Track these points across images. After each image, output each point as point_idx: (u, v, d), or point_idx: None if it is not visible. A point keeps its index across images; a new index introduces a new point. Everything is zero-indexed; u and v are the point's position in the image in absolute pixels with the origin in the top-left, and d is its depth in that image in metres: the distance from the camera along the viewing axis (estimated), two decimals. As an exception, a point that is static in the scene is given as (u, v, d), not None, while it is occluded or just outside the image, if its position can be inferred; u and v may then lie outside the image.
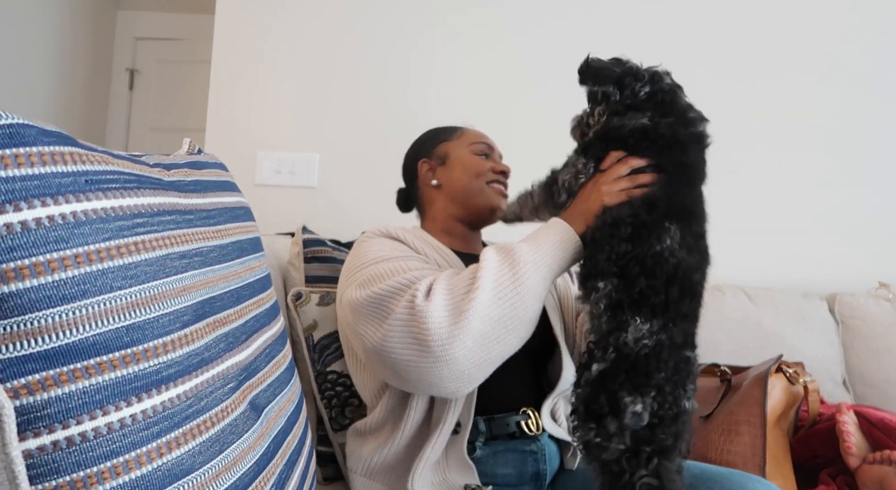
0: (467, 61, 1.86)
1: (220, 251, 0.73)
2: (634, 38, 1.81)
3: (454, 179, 1.10)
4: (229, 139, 1.87)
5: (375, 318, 0.83)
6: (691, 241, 0.78)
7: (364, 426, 0.98)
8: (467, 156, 1.11)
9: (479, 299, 0.76)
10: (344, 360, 1.12)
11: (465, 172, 1.10)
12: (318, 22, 1.88)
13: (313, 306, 1.15)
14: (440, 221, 1.13)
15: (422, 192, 1.16)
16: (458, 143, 1.14)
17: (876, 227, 1.76)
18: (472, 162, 1.10)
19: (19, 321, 0.47)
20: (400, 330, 0.79)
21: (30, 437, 0.47)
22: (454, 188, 1.10)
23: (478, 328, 0.76)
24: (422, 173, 1.15)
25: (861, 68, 1.79)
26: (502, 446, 0.93)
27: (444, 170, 1.12)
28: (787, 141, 1.79)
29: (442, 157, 1.13)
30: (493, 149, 1.16)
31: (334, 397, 1.12)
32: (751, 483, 0.80)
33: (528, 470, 0.94)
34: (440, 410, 0.90)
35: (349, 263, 0.98)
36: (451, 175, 1.11)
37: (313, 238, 1.29)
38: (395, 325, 0.80)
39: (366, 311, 0.85)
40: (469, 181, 1.09)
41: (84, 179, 0.53)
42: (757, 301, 1.56)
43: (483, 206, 1.09)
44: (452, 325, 0.75)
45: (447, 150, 1.13)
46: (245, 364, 0.71)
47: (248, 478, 0.64)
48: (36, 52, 2.53)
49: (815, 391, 1.13)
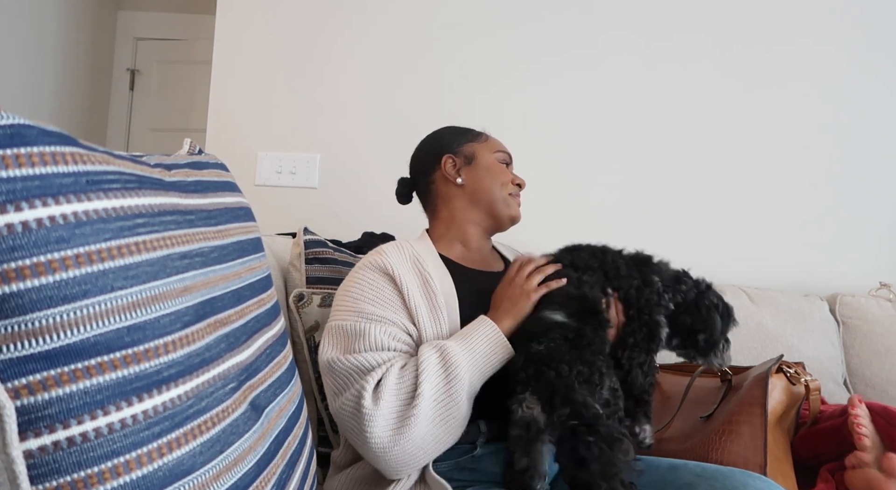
0: (468, 62, 1.86)
1: (221, 251, 0.73)
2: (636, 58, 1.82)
3: (480, 181, 1.11)
4: (230, 139, 1.87)
5: (332, 383, 0.91)
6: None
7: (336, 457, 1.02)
8: (495, 162, 1.13)
9: (421, 408, 0.83)
10: None
11: (492, 178, 1.11)
12: (319, 22, 1.88)
13: (315, 308, 1.15)
14: (456, 224, 1.12)
15: (437, 187, 1.14)
16: (485, 146, 1.15)
17: (876, 227, 1.76)
18: (499, 169, 1.12)
19: (20, 321, 0.47)
20: (347, 416, 0.87)
21: (31, 437, 0.47)
22: (479, 190, 1.11)
23: (419, 435, 0.84)
24: (445, 168, 1.13)
25: (861, 69, 1.79)
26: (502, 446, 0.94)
27: (469, 169, 1.12)
28: (787, 141, 1.79)
29: (469, 156, 1.13)
30: (512, 160, 1.18)
31: None
32: (752, 480, 0.80)
33: None
34: None
35: (341, 289, 1.00)
36: (478, 176, 1.11)
37: (315, 239, 1.29)
38: (344, 408, 0.88)
39: (325, 369, 0.93)
40: (495, 187, 1.11)
41: (85, 179, 0.53)
42: (758, 301, 1.55)
43: (505, 215, 1.12)
44: (396, 433, 0.83)
45: (475, 152, 1.13)
46: (246, 364, 0.71)
47: (249, 478, 0.64)
48: (36, 52, 2.54)
49: (817, 390, 1.12)
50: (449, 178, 1.12)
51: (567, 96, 1.84)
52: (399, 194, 1.23)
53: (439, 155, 1.14)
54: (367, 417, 0.83)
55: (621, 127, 1.83)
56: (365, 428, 0.83)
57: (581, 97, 1.84)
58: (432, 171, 1.15)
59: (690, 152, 1.81)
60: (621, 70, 1.83)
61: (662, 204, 1.81)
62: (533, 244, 1.54)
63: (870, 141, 1.78)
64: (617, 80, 1.83)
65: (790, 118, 1.79)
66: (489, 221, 1.13)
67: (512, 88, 1.85)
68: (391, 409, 0.84)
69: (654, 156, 1.81)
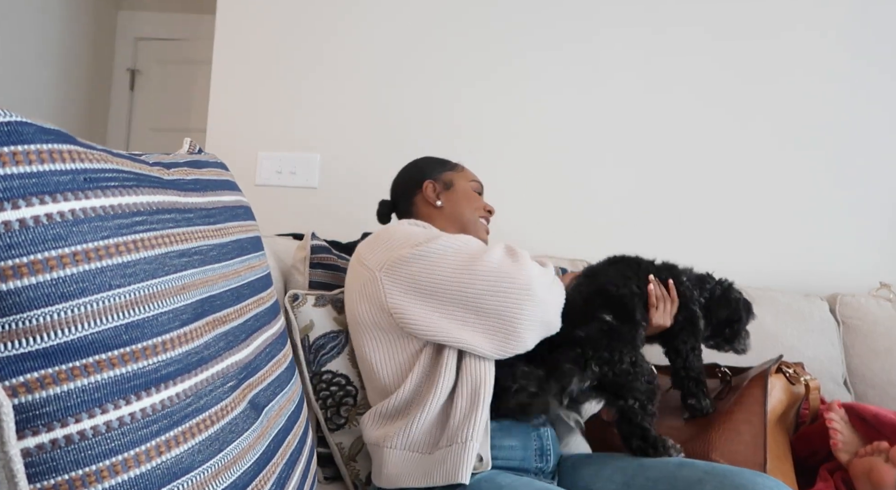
0: (469, 61, 1.86)
1: (220, 250, 0.73)
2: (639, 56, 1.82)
3: (457, 205, 1.24)
4: (230, 139, 1.87)
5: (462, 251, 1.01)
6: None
7: (388, 408, 1.00)
8: (470, 189, 1.27)
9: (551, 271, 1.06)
10: (339, 360, 1.13)
11: (468, 203, 1.25)
12: (319, 22, 1.88)
13: (310, 307, 1.16)
14: None
15: (418, 208, 1.26)
16: (461, 175, 1.29)
17: (876, 227, 1.76)
18: (473, 196, 1.27)
19: (18, 319, 0.46)
20: (497, 258, 0.99)
21: (28, 436, 0.47)
22: (455, 212, 1.24)
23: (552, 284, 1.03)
24: (427, 192, 1.24)
25: (862, 69, 1.78)
26: (508, 422, 1.01)
27: (448, 194, 1.25)
28: (788, 141, 1.79)
29: (448, 183, 1.26)
30: (483, 189, 1.32)
31: (329, 397, 1.12)
32: (761, 479, 0.80)
33: (532, 444, 1.00)
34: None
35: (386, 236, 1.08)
36: (456, 200, 1.24)
37: (320, 245, 1.32)
38: (492, 256, 1.00)
39: (446, 246, 1.01)
40: (469, 212, 1.24)
41: (83, 177, 0.53)
42: (758, 301, 1.54)
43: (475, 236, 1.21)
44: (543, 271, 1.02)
45: (453, 179, 1.27)
46: (245, 363, 0.71)
47: (248, 477, 0.64)
48: (37, 52, 2.54)
49: (816, 389, 1.13)
50: (429, 201, 1.24)
51: (566, 96, 1.84)
52: (380, 215, 1.34)
53: (421, 180, 1.26)
54: (518, 256, 1.00)
55: (619, 129, 1.82)
56: (520, 265, 0.98)
57: (580, 96, 1.83)
58: (414, 194, 1.26)
59: (690, 152, 1.80)
60: (620, 65, 1.83)
61: (662, 204, 1.81)
62: (535, 244, 1.55)
63: (870, 141, 1.77)
64: (615, 76, 1.83)
65: (790, 118, 1.79)
66: None
67: (512, 88, 1.84)
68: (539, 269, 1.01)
69: (653, 156, 1.81)
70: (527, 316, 0.96)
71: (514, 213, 1.71)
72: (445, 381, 0.96)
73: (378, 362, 1.03)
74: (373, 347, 1.04)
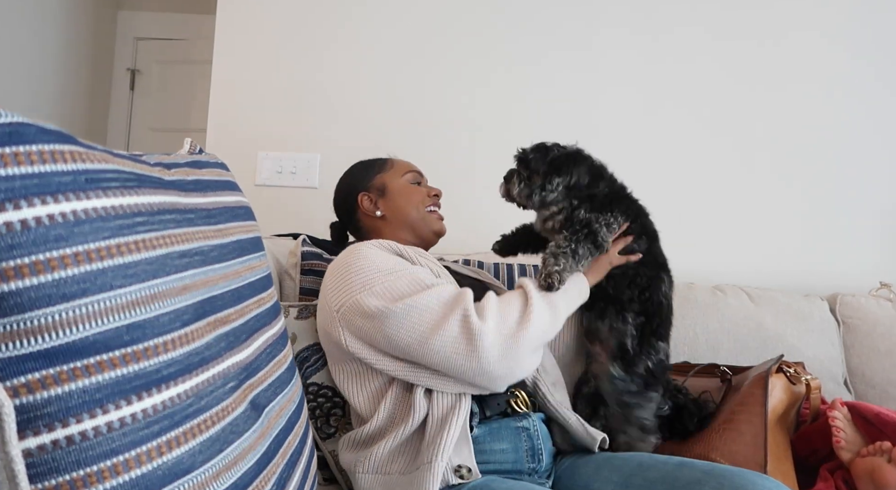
0: (468, 61, 1.86)
1: (221, 250, 0.73)
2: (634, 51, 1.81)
3: (397, 208, 1.19)
4: (230, 139, 1.87)
5: (416, 323, 0.92)
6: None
7: (361, 435, 0.99)
8: (405, 185, 1.22)
9: (532, 332, 0.92)
10: (324, 372, 1.12)
11: (406, 201, 1.20)
12: (319, 22, 1.88)
13: (292, 320, 1.15)
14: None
15: (364, 224, 1.23)
16: (392, 173, 1.23)
17: (876, 227, 1.76)
18: (409, 191, 1.21)
19: (19, 319, 0.46)
20: (451, 340, 0.90)
21: (30, 436, 0.47)
22: (399, 217, 1.19)
23: (522, 354, 0.92)
24: (364, 206, 1.21)
25: (862, 69, 1.78)
26: (496, 424, 0.99)
27: (385, 201, 1.21)
28: (787, 141, 1.79)
29: (381, 188, 1.21)
30: (422, 175, 1.26)
31: (317, 408, 1.11)
32: (761, 480, 0.80)
33: (522, 445, 0.98)
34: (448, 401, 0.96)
35: (345, 268, 1.00)
36: (394, 204, 1.20)
37: (311, 251, 1.32)
38: (446, 334, 0.91)
39: (400, 317, 0.93)
40: (411, 210, 1.19)
41: (84, 178, 0.53)
42: (758, 301, 1.55)
43: (427, 232, 1.21)
44: (505, 348, 0.91)
45: (384, 182, 1.22)
46: (246, 363, 0.71)
47: (249, 477, 0.64)
48: (37, 52, 2.54)
49: (817, 388, 1.13)
50: (369, 214, 1.21)
51: (565, 94, 1.84)
52: (335, 240, 1.31)
53: (354, 195, 1.22)
54: (478, 333, 0.90)
55: (619, 128, 1.82)
56: (477, 343, 0.89)
57: (580, 96, 1.83)
58: (354, 211, 1.23)
59: (690, 152, 1.80)
60: (620, 67, 1.83)
61: (662, 204, 1.78)
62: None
63: (870, 141, 1.77)
64: (616, 78, 1.83)
65: (790, 118, 1.79)
66: (417, 240, 1.20)
67: (511, 88, 1.84)
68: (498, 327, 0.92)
69: (653, 156, 1.81)
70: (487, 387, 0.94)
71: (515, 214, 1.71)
72: (419, 408, 0.94)
73: (349, 390, 1.02)
74: (343, 377, 1.03)
